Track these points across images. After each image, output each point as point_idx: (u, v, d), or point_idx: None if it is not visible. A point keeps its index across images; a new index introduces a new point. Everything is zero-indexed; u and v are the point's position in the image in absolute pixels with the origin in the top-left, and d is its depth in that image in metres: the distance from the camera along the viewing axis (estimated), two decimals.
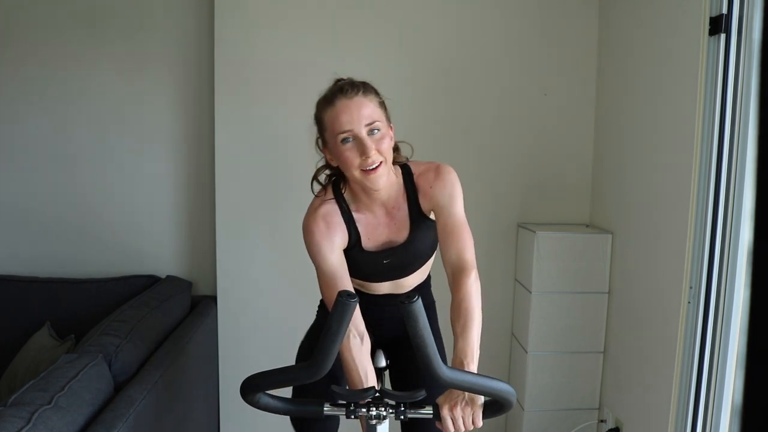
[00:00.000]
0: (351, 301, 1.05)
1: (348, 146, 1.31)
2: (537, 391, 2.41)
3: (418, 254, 1.50)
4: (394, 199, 1.44)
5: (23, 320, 2.39)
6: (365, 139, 1.30)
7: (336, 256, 1.40)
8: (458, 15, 2.47)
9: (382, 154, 1.32)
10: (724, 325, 1.70)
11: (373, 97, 1.35)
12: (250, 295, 2.54)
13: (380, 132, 1.32)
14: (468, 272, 1.36)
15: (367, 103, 1.32)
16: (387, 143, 1.34)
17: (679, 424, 1.82)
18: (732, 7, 1.66)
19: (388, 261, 1.46)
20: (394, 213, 1.45)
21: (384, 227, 1.45)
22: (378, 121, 1.32)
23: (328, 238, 1.40)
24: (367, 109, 1.31)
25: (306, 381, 1.15)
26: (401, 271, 1.54)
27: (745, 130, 1.63)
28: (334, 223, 1.41)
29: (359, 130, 1.30)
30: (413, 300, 1.03)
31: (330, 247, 1.39)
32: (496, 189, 2.55)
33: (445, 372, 1.09)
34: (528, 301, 2.38)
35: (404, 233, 1.46)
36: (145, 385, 1.62)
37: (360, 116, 1.30)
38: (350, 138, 1.30)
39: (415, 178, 1.45)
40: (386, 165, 1.34)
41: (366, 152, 1.29)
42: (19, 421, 1.18)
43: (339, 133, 1.31)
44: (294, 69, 2.43)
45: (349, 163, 1.32)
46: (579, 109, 2.53)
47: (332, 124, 1.32)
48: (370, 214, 1.44)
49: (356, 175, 1.33)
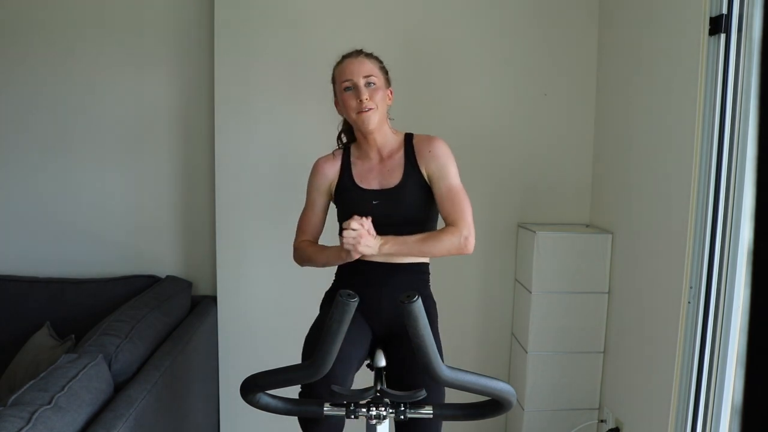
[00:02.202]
0: (351, 301, 1.05)
1: (349, 93, 1.61)
2: (537, 391, 2.41)
3: (406, 204, 1.63)
4: (389, 149, 1.68)
5: (23, 320, 2.39)
6: (361, 87, 1.59)
7: (318, 196, 1.72)
8: (458, 15, 2.47)
9: (374, 102, 1.59)
10: (724, 325, 1.70)
11: (375, 60, 1.66)
12: (250, 295, 2.54)
13: (375, 85, 1.61)
14: (458, 228, 1.56)
15: (366, 62, 1.63)
16: (381, 95, 1.62)
17: (679, 424, 1.82)
18: (732, 7, 1.66)
19: (377, 202, 1.62)
20: (386, 161, 1.67)
21: (376, 172, 1.67)
22: (374, 76, 1.62)
23: (322, 175, 1.71)
24: (365, 65, 1.62)
25: (306, 381, 1.15)
26: (391, 221, 1.59)
27: (745, 130, 1.63)
28: (330, 165, 1.72)
29: (358, 80, 1.60)
30: (413, 300, 1.03)
31: (317, 184, 1.72)
32: (496, 189, 2.55)
33: (445, 372, 1.10)
34: (528, 301, 2.38)
35: (396, 178, 1.64)
36: (145, 385, 1.62)
37: (359, 70, 1.61)
38: (351, 87, 1.61)
39: (414, 140, 1.69)
40: (377, 112, 1.60)
41: (361, 96, 1.58)
42: (19, 421, 1.18)
43: (342, 81, 1.62)
44: (294, 68, 2.43)
45: (349, 107, 1.61)
46: (579, 109, 2.53)
47: (339, 76, 1.64)
48: (367, 160, 1.69)
49: (354, 118, 1.61)
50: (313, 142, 1.74)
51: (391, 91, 1.69)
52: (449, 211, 1.59)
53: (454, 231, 1.55)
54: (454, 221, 1.57)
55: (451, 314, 1.81)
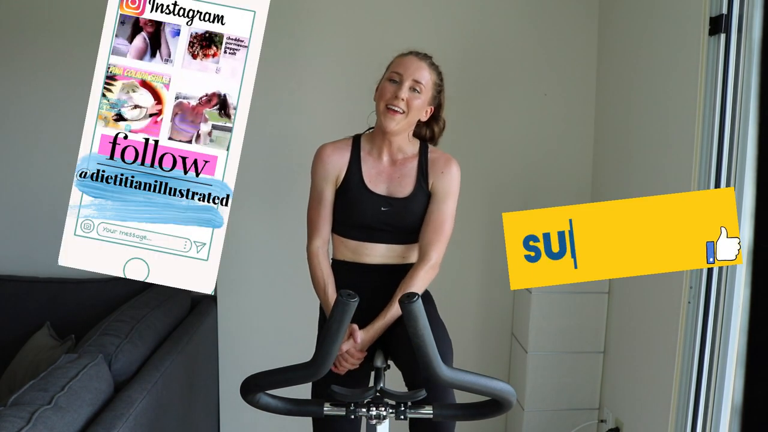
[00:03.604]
0: (351, 301, 1.05)
1: (390, 84, 1.56)
2: (537, 391, 2.41)
3: (413, 216, 1.61)
4: (403, 156, 1.63)
5: (23, 320, 2.39)
6: (405, 87, 1.54)
7: (327, 186, 1.63)
8: (457, 14, 2.47)
9: (408, 107, 1.54)
10: (724, 325, 1.70)
11: (435, 73, 1.61)
12: (250, 295, 2.54)
13: (419, 94, 1.56)
14: (424, 263, 1.57)
15: (426, 69, 1.58)
16: (418, 104, 1.56)
17: (679, 424, 1.82)
18: (732, 7, 1.66)
19: (386, 209, 1.59)
20: (398, 166, 1.63)
21: (386, 176, 1.62)
22: (424, 86, 1.57)
23: (330, 164, 1.62)
24: (423, 72, 1.57)
25: (306, 381, 1.15)
26: (395, 228, 1.61)
27: (745, 130, 1.63)
28: (339, 155, 1.63)
29: (407, 78, 1.55)
30: (413, 300, 1.03)
31: (326, 173, 1.63)
32: (495, 189, 2.54)
33: (445, 372, 1.10)
34: (528, 301, 2.38)
35: (407, 189, 1.61)
36: (145, 385, 1.62)
37: (414, 71, 1.56)
38: (397, 80, 1.56)
39: (429, 153, 1.65)
40: (405, 118, 1.56)
41: (398, 94, 1.53)
42: (19, 421, 1.18)
43: (393, 70, 1.58)
44: (293, 64, 2.43)
45: (383, 94, 1.57)
46: (579, 109, 2.53)
47: (395, 65, 1.60)
48: (378, 159, 1.63)
49: (381, 108, 1.57)
50: (314, 140, 1.73)
51: (432, 109, 1.64)
52: (430, 237, 1.59)
53: (424, 266, 1.57)
54: (427, 249, 1.58)
55: (452, 314, 1.81)
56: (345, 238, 1.64)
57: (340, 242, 1.66)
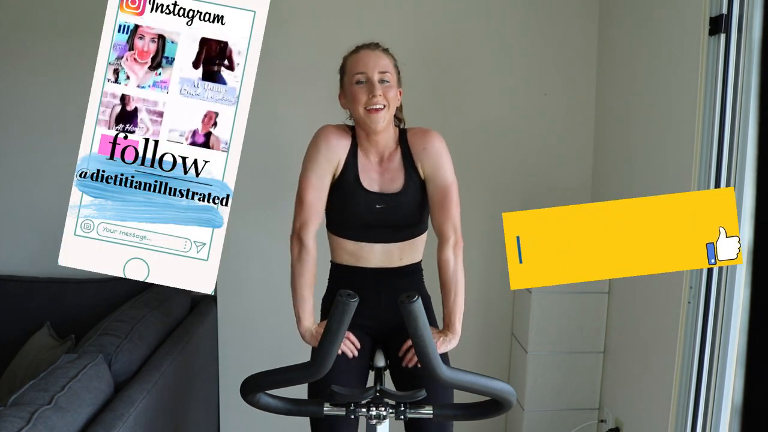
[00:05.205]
0: (351, 301, 1.05)
1: (360, 87, 1.51)
2: (537, 391, 2.41)
3: (407, 210, 1.59)
4: (390, 152, 1.60)
5: (23, 320, 2.39)
6: (375, 83, 1.50)
7: (329, 169, 1.56)
8: (457, 14, 2.47)
9: (386, 100, 1.50)
10: (724, 325, 1.70)
11: (391, 57, 1.58)
12: (250, 295, 2.54)
13: (389, 83, 1.52)
14: (445, 243, 1.54)
15: (384, 57, 1.55)
16: (393, 93, 1.53)
17: (679, 424, 1.82)
18: (732, 7, 1.66)
19: (381, 206, 1.56)
20: (387, 164, 1.60)
21: (377, 174, 1.59)
22: (389, 73, 1.53)
23: (334, 148, 1.57)
24: (383, 60, 1.53)
25: (306, 381, 1.15)
26: (391, 224, 1.59)
27: (745, 130, 1.63)
28: (343, 142, 1.58)
29: (372, 74, 1.51)
30: (413, 300, 1.04)
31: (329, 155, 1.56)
32: (495, 189, 2.54)
33: (445, 372, 1.10)
34: (528, 301, 2.38)
35: (398, 183, 1.58)
36: (145, 385, 1.62)
37: (376, 64, 1.52)
38: (363, 80, 1.51)
39: (408, 136, 1.61)
40: (388, 111, 1.52)
41: (374, 92, 1.49)
42: (19, 421, 1.18)
43: (356, 73, 1.52)
44: (291, 60, 2.43)
45: (358, 101, 1.50)
46: (579, 109, 2.53)
47: (352, 66, 1.54)
48: (369, 158, 1.59)
49: (361, 114, 1.51)
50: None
51: (401, 91, 1.61)
52: (439, 217, 1.56)
53: (446, 247, 1.53)
54: (441, 228, 1.55)
55: None
56: (342, 239, 1.63)
57: (338, 245, 1.65)
